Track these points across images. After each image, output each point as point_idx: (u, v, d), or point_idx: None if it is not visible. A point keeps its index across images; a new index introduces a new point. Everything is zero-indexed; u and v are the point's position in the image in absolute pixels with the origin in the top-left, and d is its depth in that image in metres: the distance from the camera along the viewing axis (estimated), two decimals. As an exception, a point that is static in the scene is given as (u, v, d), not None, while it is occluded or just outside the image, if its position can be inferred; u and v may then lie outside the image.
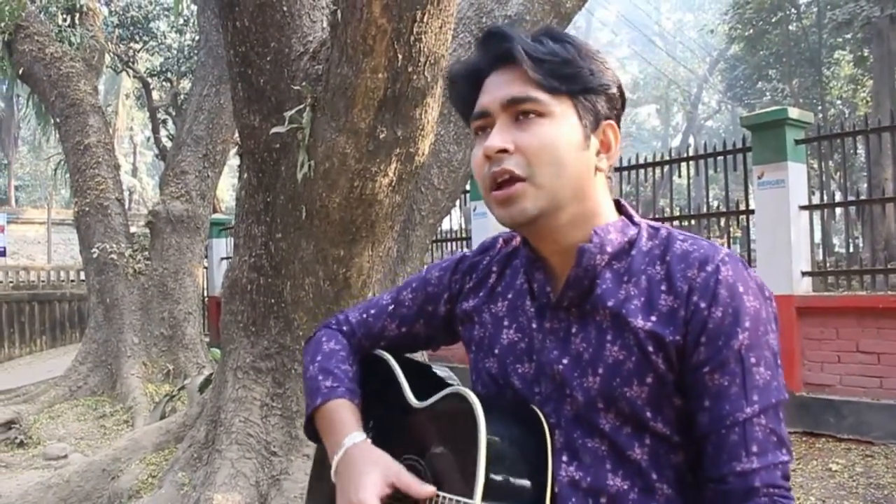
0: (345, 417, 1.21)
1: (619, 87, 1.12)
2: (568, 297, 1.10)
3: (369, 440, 1.17)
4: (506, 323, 1.18)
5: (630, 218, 1.13)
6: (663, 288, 1.05)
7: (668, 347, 1.02)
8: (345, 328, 1.37)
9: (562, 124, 1.06)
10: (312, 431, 1.29)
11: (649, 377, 1.03)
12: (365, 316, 1.37)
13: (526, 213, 1.06)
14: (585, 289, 1.09)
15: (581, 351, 1.08)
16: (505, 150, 1.06)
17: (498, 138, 1.07)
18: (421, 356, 1.56)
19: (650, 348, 1.03)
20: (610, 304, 1.07)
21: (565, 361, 1.09)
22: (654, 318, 1.04)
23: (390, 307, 1.36)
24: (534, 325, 1.14)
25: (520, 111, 1.07)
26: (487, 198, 1.10)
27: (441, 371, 1.37)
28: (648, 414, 1.04)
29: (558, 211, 1.07)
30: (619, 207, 1.15)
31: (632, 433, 1.05)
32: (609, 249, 1.08)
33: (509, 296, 1.20)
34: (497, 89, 1.10)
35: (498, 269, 1.24)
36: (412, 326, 1.34)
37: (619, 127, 1.13)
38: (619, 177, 7.76)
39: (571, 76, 1.06)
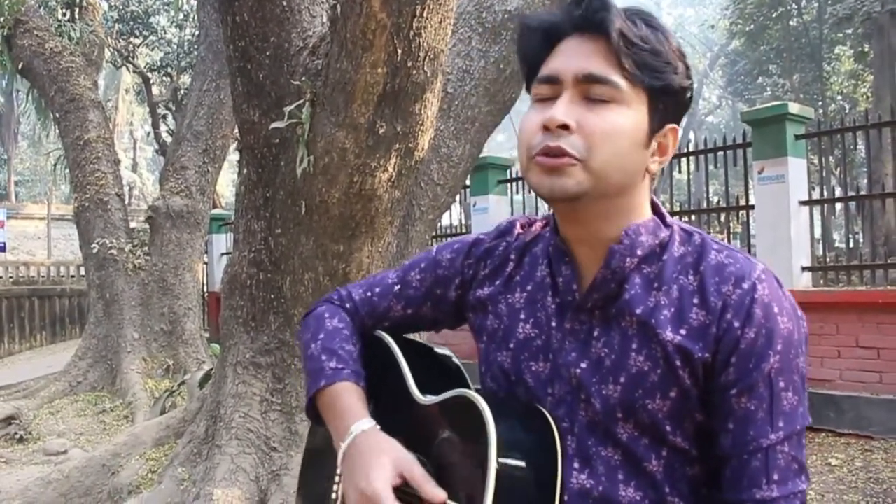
0: (351, 402, 1.16)
1: (692, 93, 1.05)
2: (593, 298, 1.06)
3: (378, 427, 1.12)
4: (522, 316, 1.13)
5: (662, 218, 1.08)
6: (695, 301, 1.00)
7: (695, 363, 0.99)
8: (348, 305, 1.31)
9: (631, 117, 0.99)
10: (314, 414, 1.23)
11: (673, 391, 1.00)
12: (369, 294, 1.31)
13: (566, 190, 0.99)
14: (612, 292, 1.04)
15: (602, 356, 1.04)
16: (567, 127, 0.98)
17: (563, 111, 0.98)
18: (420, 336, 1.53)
19: (677, 362, 0.99)
20: (638, 311, 1.02)
21: (584, 365, 1.05)
22: (683, 332, 1.00)
23: (396, 287, 1.29)
24: (553, 323, 1.10)
25: (593, 90, 0.99)
26: (528, 163, 1.02)
27: (442, 353, 1.33)
28: (668, 427, 1.01)
29: (599, 199, 1.01)
30: (653, 206, 1.09)
31: (649, 445, 1.02)
32: (639, 252, 1.03)
33: (528, 287, 1.14)
34: (575, 58, 1.01)
35: (516, 257, 1.18)
36: (419, 308, 1.28)
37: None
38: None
39: (657, 70, 0.99)
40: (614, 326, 1.04)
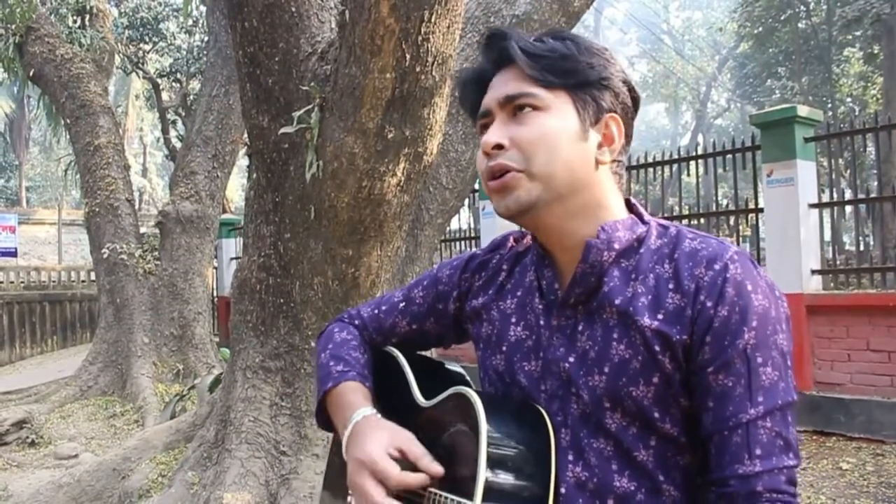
0: (355, 398, 1.21)
1: (627, 83, 1.12)
2: (575, 293, 1.09)
3: (379, 415, 1.17)
4: (513, 320, 1.18)
5: (640, 216, 1.12)
6: (671, 286, 1.03)
7: (674, 347, 1.01)
8: (356, 322, 1.38)
9: (557, 116, 1.07)
10: (324, 420, 1.29)
11: (656, 377, 1.02)
12: (376, 312, 1.38)
13: (519, 202, 1.06)
14: (592, 286, 1.08)
15: (587, 349, 1.07)
16: (500, 146, 1.07)
17: (494, 134, 1.08)
18: (432, 353, 1.56)
19: (657, 347, 1.02)
20: (617, 302, 1.06)
21: (571, 359, 1.08)
22: (660, 317, 1.02)
23: (401, 304, 1.36)
24: (541, 323, 1.13)
25: (516, 107, 1.08)
26: (486, 191, 1.11)
27: (452, 367, 1.37)
28: (656, 414, 1.03)
29: (555, 202, 1.07)
30: (630, 206, 1.14)
31: (638, 433, 1.04)
32: (616, 246, 1.07)
33: (518, 293, 1.19)
34: (496, 89, 1.12)
35: (508, 267, 1.24)
36: (423, 324, 1.34)
37: (628, 121, 1.13)
38: (628, 176, 7.73)
39: (569, 70, 1.07)
40: (597, 319, 1.08)
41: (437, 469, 1.06)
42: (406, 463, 1.07)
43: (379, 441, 1.09)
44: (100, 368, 9.02)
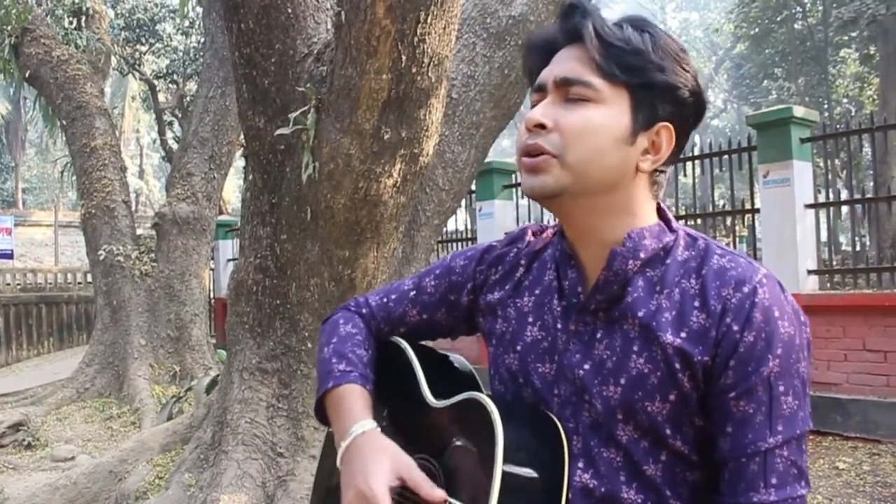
0: (354, 404, 1.18)
1: (696, 93, 1.05)
2: (596, 300, 1.07)
3: (379, 429, 1.14)
4: (530, 319, 1.15)
5: (668, 223, 1.09)
6: (696, 304, 1.01)
7: (695, 367, 0.99)
8: (364, 311, 1.34)
9: (609, 113, 1.02)
10: (323, 416, 1.26)
11: (672, 394, 1.00)
12: (385, 300, 1.34)
13: (545, 186, 1.04)
14: (615, 294, 1.06)
15: (604, 358, 1.05)
16: (543, 126, 1.04)
17: (540, 112, 1.05)
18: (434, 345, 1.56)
19: (677, 365, 1.00)
20: (640, 314, 1.03)
21: (587, 367, 1.06)
22: (683, 335, 1.00)
23: (412, 293, 1.33)
24: (559, 325, 1.11)
25: (571, 92, 1.04)
26: (518, 166, 1.08)
27: (457, 361, 1.35)
28: (668, 431, 1.02)
29: (582, 196, 1.04)
30: (659, 212, 1.11)
31: (648, 448, 1.03)
32: (642, 255, 1.04)
33: (536, 291, 1.16)
34: (557, 64, 1.07)
35: (526, 263, 1.21)
36: (433, 314, 1.31)
37: (682, 135, 1.07)
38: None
39: (636, 67, 1.02)
40: (617, 329, 1.05)
41: (440, 495, 1.03)
42: (406, 490, 1.06)
43: (381, 471, 1.05)
44: (96, 370, 9.00)
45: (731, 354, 0.98)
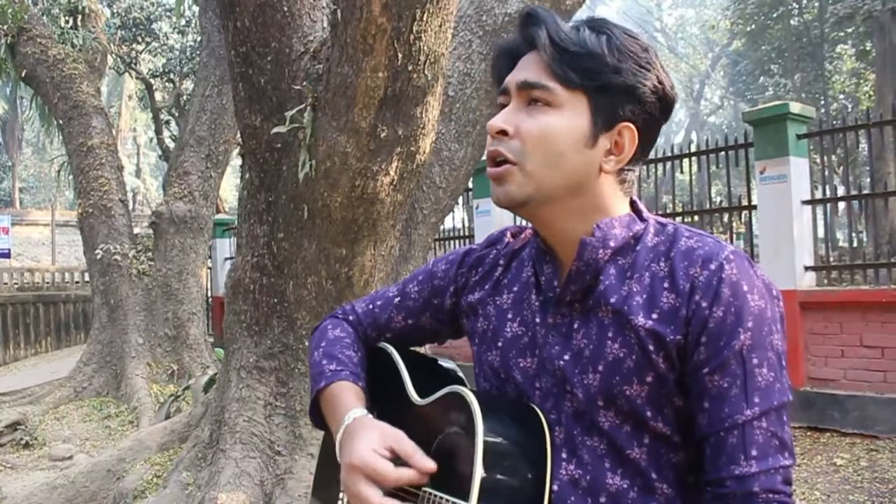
0: (348, 398, 1.20)
1: (658, 91, 1.06)
2: (570, 291, 1.09)
3: (371, 416, 1.16)
4: (510, 316, 1.17)
5: (639, 214, 1.11)
6: (666, 285, 1.02)
7: (668, 347, 1.00)
8: (351, 318, 1.37)
9: (567, 118, 1.04)
10: (319, 419, 1.28)
11: (649, 376, 1.02)
12: (371, 307, 1.37)
13: (511, 196, 1.06)
14: (588, 284, 1.07)
15: (582, 347, 1.06)
16: (504, 133, 1.06)
17: (501, 119, 1.07)
18: (425, 350, 1.57)
19: (651, 347, 1.01)
20: (612, 300, 1.05)
21: (566, 357, 1.07)
22: (655, 317, 1.02)
23: (396, 299, 1.35)
24: (537, 320, 1.13)
25: (531, 97, 1.06)
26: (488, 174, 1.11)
27: (446, 364, 1.36)
28: (648, 413, 1.03)
29: (549, 202, 1.06)
30: (632, 205, 1.12)
31: (631, 432, 1.04)
32: (612, 244, 1.06)
33: (515, 288, 1.19)
34: (520, 70, 1.09)
35: (505, 262, 1.23)
36: (418, 319, 1.33)
37: (647, 132, 1.08)
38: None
39: (591, 71, 1.03)
40: (592, 318, 1.07)
41: (430, 464, 1.05)
42: (398, 461, 1.07)
43: (369, 442, 1.07)
44: (94, 369, 8.99)
45: (701, 331, 0.99)
